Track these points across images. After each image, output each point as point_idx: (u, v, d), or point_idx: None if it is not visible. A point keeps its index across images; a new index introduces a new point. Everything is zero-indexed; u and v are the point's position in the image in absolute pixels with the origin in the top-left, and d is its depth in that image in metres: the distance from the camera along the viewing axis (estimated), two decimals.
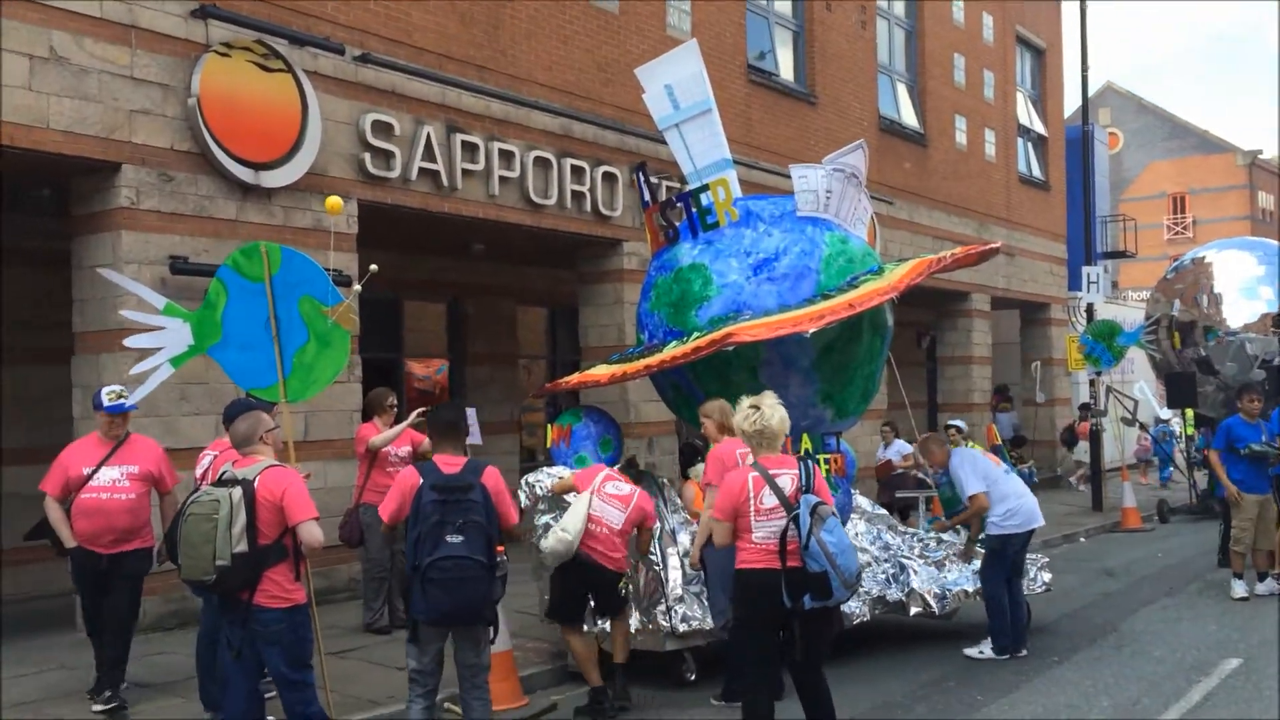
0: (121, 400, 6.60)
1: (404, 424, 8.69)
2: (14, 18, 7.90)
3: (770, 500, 5.51)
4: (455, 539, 5.08)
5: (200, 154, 8.98)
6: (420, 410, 8.64)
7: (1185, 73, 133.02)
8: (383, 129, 10.31)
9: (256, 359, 6.49)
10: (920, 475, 12.26)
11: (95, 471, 6.48)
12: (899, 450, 13.70)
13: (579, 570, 6.76)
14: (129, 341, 6.53)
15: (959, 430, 12.05)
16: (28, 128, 7.99)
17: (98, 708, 6.51)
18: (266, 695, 5.60)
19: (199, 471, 6.46)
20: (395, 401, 9.15)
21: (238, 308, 6.45)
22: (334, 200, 7.08)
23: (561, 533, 6.66)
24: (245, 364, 6.50)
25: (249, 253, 6.51)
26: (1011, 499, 8.15)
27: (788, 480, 5.54)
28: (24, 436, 10.06)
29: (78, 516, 6.47)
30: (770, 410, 5.69)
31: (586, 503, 6.79)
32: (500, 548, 5.23)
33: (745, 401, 5.82)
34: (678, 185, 11.03)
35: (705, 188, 8.45)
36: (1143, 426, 21.32)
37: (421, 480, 5.26)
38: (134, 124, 8.60)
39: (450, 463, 5.35)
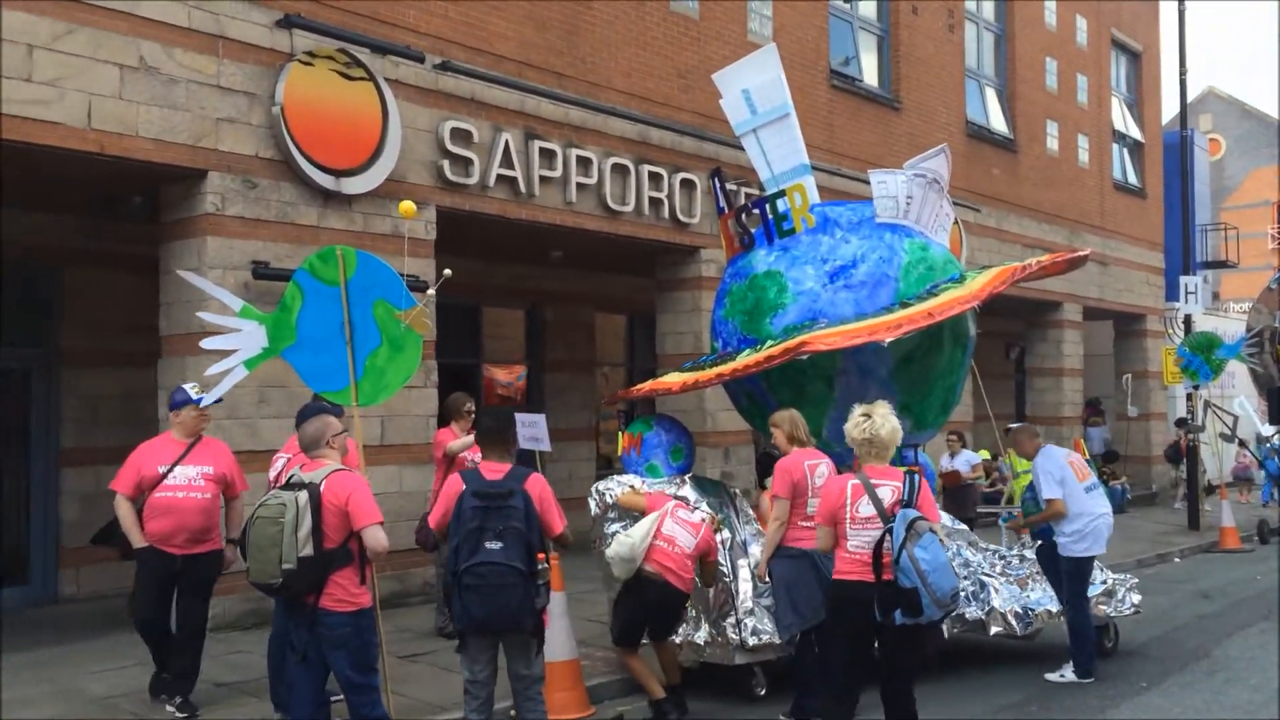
0: (204, 394, 6.68)
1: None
2: (106, 28, 8.12)
3: (867, 510, 5.48)
4: (494, 545, 5.01)
5: (283, 161, 9.13)
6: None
7: None
8: (461, 136, 10.39)
9: (329, 362, 6.53)
10: (986, 489, 11.98)
11: (170, 470, 6.48)
12: (967, 460, 13.32)
13: (652, 589, 6.66)
14: (205, 343, 6.61)
15: None
16: (118, 135, 8.20)
17: (170, 709, 6.58)
18: (333, 699, 5.63)
19: (272, 474, 6.53)
20: (473, 407, 9.17)
21: (313, 311, 6.50)
22: (407, 204, 7.13)
23: (626, 537, 6.58)
24: (318, 367, 6.54)
25: (325, 256, 6.56)
26: (1084, 519, 7.82)
27: (888, 491, 5.49)
28: (110, 437, 10.31)
29: (152, 516, 6.44)
30: (881, 420, 5.66)
31: (656, 517, 6.72)
32: (541, 555, 5.11)
33: (858, 409, 5.79)
34: (755, 191, 10.92)
35: (781, 193, 8.32)
36: (1242, 443, 20.53)
37: (465, 487, 5.22)
38: (220, 132, 8.78)
39: (494, 469, 5.31)
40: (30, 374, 10.19)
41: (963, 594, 8.07)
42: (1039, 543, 8.34)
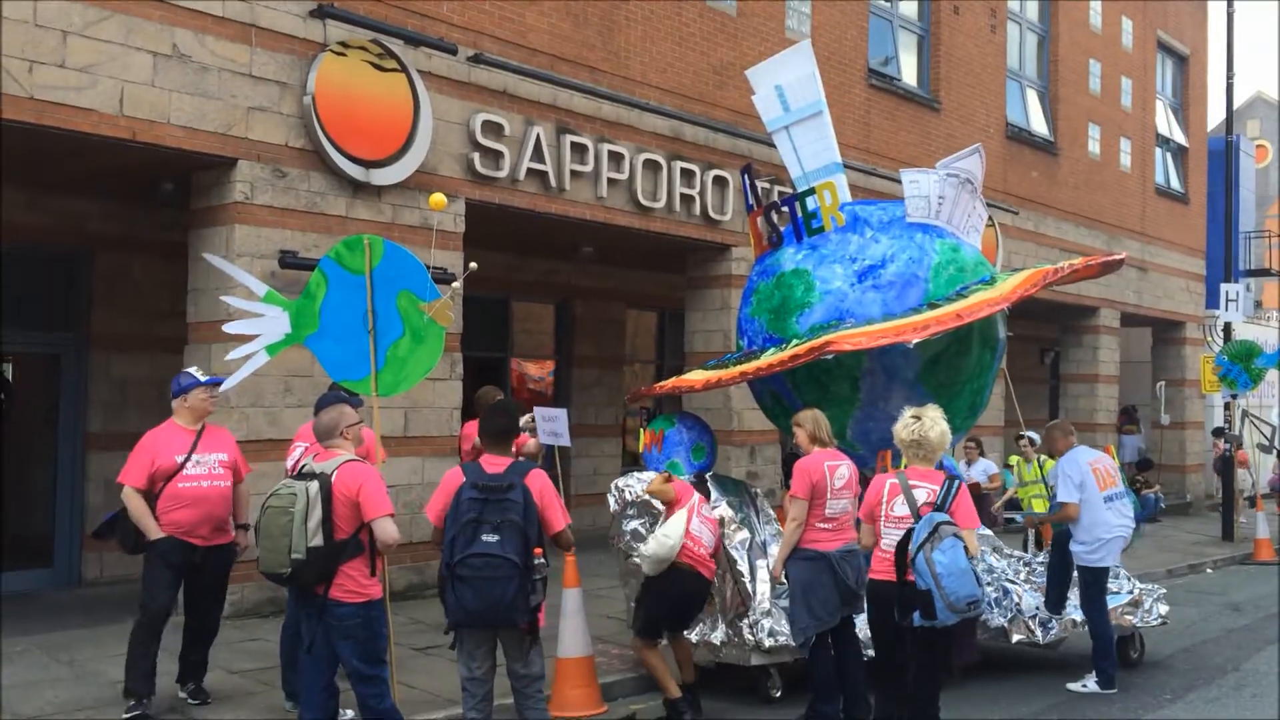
0: (211, 376, 6.63)
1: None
2: (139, 15, 8.16)
3: (901, 509, 5.53)
4: (491, 538, 4.93)
5: (313, 151, 9.15)
6: (529, 416, 8.62)
7: None
8: (493, 129, 10.37)
9: (350, 351, 6.51)
10: (1001, 508, 11.85)
11: (188, 459, 6.28)
12: (984, 470, 13.14)
13: (688, 580, 6.60)
14: (228, 327, 6.62)
15: (1031, 442, 11.64)
16: (150, 123, 8.25)
17: (182, 695, 6.55)
18: (345, 688, 5.61)
19: (289, 463, 6.51)
20: (502, 400, 9.13)
21: (337, 299, 6.48)
22: (438, 196, 7.11)
23: (664, 537, 6.49)
24: (339, 356, 6.53)
25: (351, 245, 6.55)
26: (1099, 529, 7.69)
27: (924, 493, 5.52)
28: (138, 422, 10.37)
29: (177, 506, 6.22)
30: (931, 423, 5.73)
31: (687, 514, 6.66)
32: (538, 551, 5.03)
33: (908, 411, 5.87)
34: (787, 189, 10.84)
35: (811, 191, 8.24)
36: None
37: (464, 479, 5.15)
38: (251, 121, 8.80)
39: (495, 463, 5.24)
40: (60, 358, 10.28)
41: (985, 602, 7.97)
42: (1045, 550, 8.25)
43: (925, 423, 5.68)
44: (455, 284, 7.12)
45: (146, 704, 6.16)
